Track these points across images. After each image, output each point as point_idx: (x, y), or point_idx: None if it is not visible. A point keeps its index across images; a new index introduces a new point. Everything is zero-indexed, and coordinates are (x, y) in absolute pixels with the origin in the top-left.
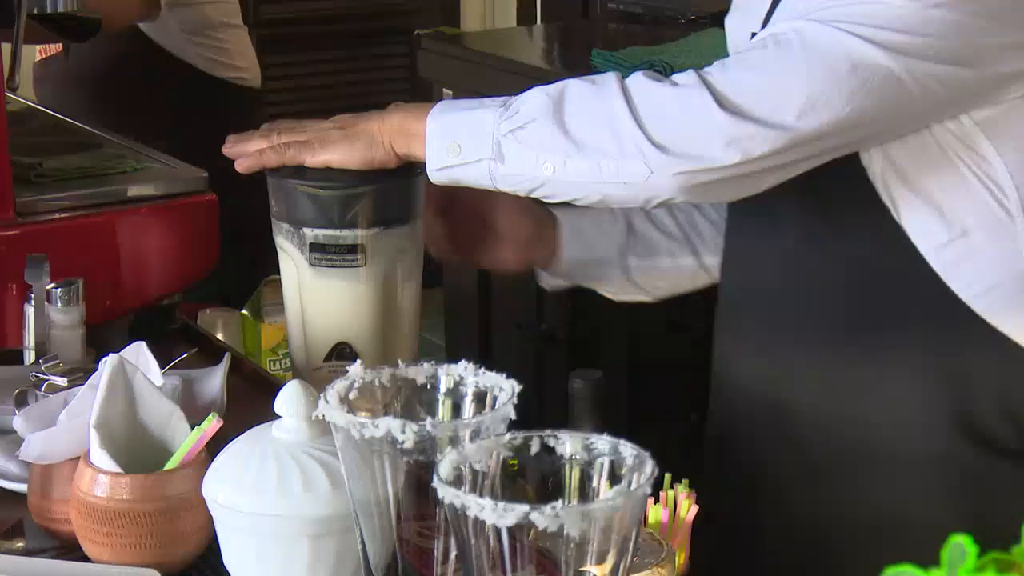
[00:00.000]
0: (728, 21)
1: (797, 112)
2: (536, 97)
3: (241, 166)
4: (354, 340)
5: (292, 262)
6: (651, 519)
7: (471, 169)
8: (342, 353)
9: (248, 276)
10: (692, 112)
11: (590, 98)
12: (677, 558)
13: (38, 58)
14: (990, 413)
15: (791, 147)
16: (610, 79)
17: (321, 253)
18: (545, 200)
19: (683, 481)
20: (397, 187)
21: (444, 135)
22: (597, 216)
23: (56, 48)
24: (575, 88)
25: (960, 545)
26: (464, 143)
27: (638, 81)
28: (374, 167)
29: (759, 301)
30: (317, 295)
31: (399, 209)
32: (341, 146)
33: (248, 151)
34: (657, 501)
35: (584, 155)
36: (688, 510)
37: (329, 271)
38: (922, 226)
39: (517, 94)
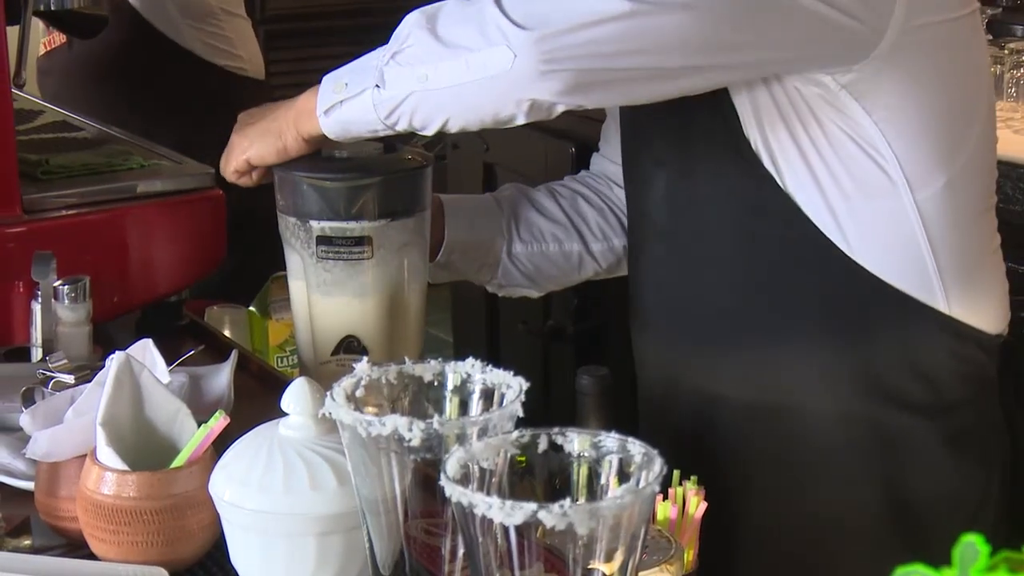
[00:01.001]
0: None
1: None
2: (413, 16)
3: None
4: (361, 333)
5: (299, 256)
6: (659, 516)
7: (356, 104)
8: (350, 346)
9: (255, 272)
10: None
11: (463, 3)
12: (686, 555)
13: (42, 51)
14: (899, 372)
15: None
16: None
17: (328, 246)
18: (420, 131)
19: (692, 478)
20: (404, 179)
21: (334, 81)
22: (481, 201)
23: (60, 40)
24: (452, 1)
25: (972, 544)
26: (350, 80)
27: None
28: (291, 156)
29: (661, 290)
30: (324, 289)
31: (406, 201)
32: (254, 145)
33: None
34: (666, 498)
35: (453, 53)
36: (697, 507)
37: (336, 264)
38: (805, 192)
39: None
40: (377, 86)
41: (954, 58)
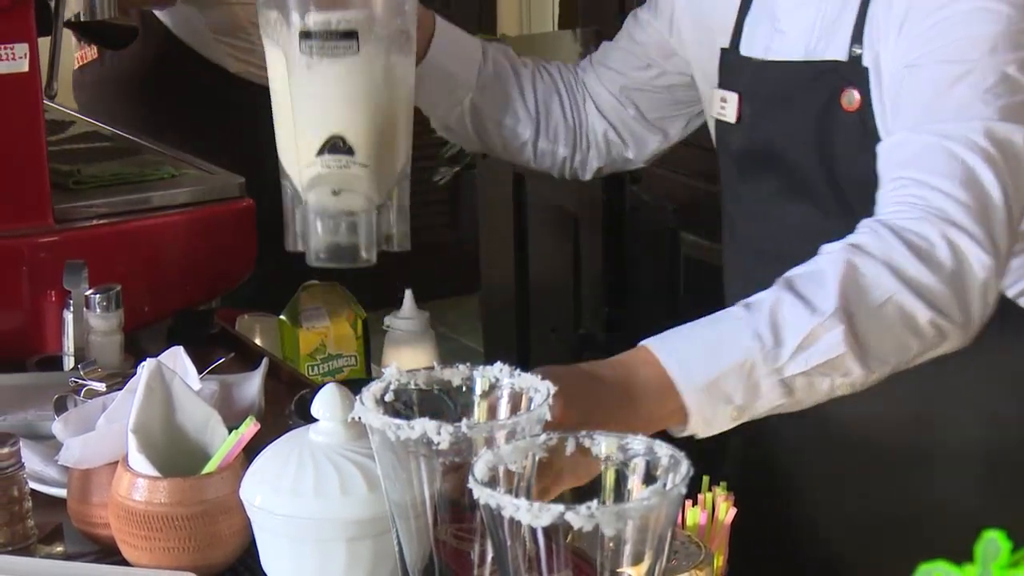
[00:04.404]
0: (643, 14)
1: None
2: (830, 332)
3: None
4: (347, 132)
5: (281, 54)
6: (689, 522)
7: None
8: (335, 147)
9: (286, 281)
10: (974, 290)
11: (886, 321)
12: (715, 561)
13: (76, 66)
14: (1008, 391)
15: None
16: (885, 284)
17: (312, 40)
18: None
19: (721, 483)
20: None
21: (713, 401)
22: (469, 45)
23: (93, 55)
24: (860, 306)
25: (994, 540)
26: (737, 396)
27: (921, 278)
28: None
29: None
30: (308, 86)
31: None
32: None
33: None
34: (695, 504)
35: (881, 367)
36: (726, 512)
37: (320, 60)
38: None
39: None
40: (783, 397)
41: None
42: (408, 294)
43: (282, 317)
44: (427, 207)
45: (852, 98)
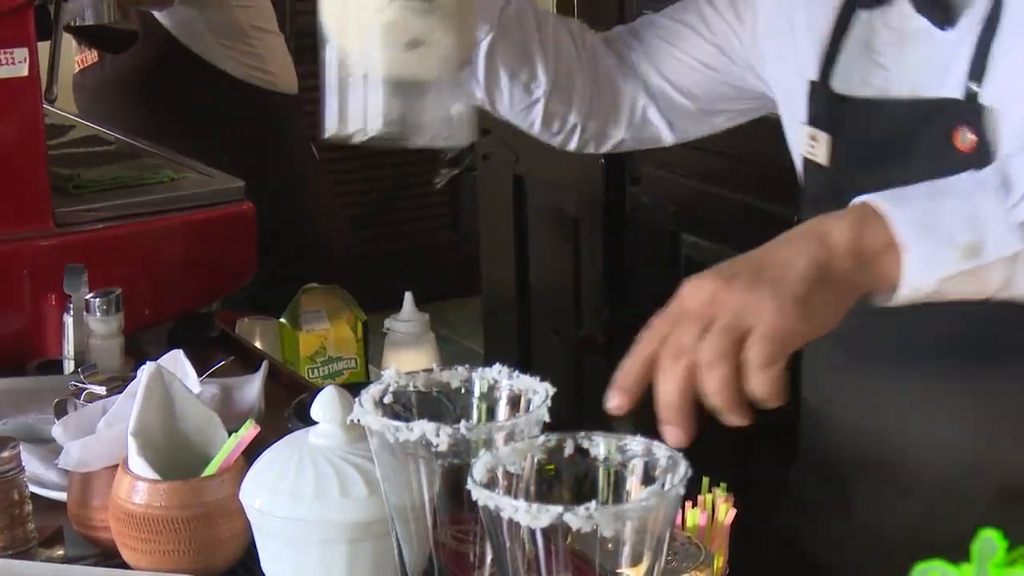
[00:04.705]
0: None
1: None
2: None
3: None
4: None
5: None
6: (689, 523)
7: (982, 275)
8: None
9: (287, 284)
10: None
11: None
12: (715, 562)
13: (76, 69)
14: None
15: None
16: None
17: None
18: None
19: (721, 484)
20: None
21: (932, 236)
22: None
23: (93, 58)
24: None
25: (990, 539)
26: (972, 237)
27: None
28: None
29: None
30: None
31: None
32: (784, 325)
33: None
34: (695, 505)
35: None
36: (726, 514)
37: None
38: None
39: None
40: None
41: None
42: (408, 296)
43: (282, 320)
44: (427, 209)
45: (966, 138)
